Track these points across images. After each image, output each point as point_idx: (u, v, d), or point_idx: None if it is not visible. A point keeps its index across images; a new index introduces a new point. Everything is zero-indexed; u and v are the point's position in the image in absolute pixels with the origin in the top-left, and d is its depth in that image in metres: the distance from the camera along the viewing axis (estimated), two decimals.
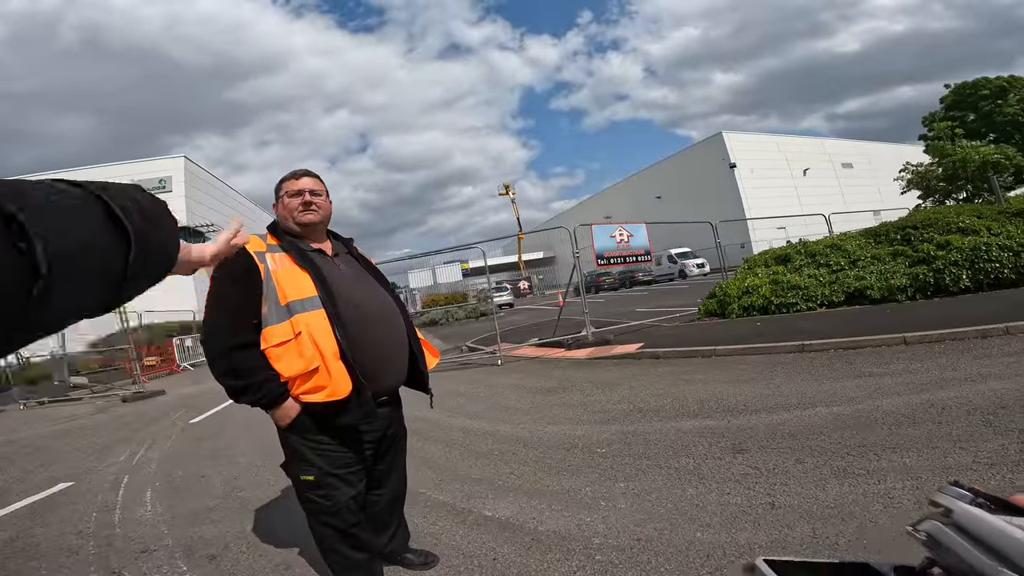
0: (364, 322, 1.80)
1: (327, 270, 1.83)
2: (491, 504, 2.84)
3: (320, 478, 1.78)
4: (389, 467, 2.07)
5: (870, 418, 3.25)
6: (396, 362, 1.92)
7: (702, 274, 26.99)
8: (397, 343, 1.93)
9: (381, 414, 1.89)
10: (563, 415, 4.54)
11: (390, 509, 2.13)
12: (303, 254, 1.82)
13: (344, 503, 1.80)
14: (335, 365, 1.67)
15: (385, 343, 1.87)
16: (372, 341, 1.81)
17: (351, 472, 1.83)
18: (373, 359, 1.80)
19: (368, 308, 1.84)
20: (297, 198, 1.88)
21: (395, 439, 2.07)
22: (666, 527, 2.27)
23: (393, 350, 1.91)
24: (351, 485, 1.83)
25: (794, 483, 2.50)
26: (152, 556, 2.79)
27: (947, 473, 2.35)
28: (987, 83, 36.31)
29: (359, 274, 1.97)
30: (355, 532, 1.86)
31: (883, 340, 5.31)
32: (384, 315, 1.90)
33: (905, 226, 8.19)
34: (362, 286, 1.91)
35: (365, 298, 1.86)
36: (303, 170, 1.97)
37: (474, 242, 13.89)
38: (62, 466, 5.21)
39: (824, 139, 44.14)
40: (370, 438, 1.90)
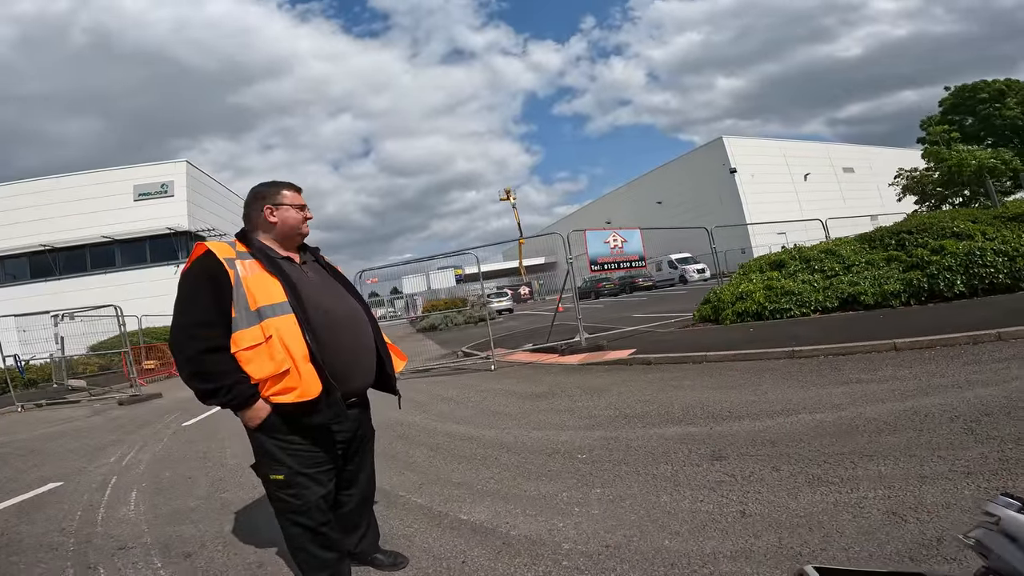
0: (332, 327, 1.85)
1: (296, 277, 1.89)
2: (467, 508, 2.84)
3: (290, 477, 1.80)
4: (358, 467, 2.11)
5: (852, 425, 3.24)
6: (364, 365, 1.98)
7: (703, 279, 26.93)
8: (364, 347, 1.99)
9: (351, 415, 1.96)
10: (549, 420, 4.54)
11: (359, 509, 2.15)
12: (272, 261, 1.87)
13: (314, 502, 1.83)
14: (305, 367, 1.71)
15: (353, 347, 1.94)
16: (341, 345, 1.86)
17: (321, 472, 1.86)
18: (342, 362, 1.85)
19: (336, 314, 1.90)
20: (303, 212, 2.03)
21: (364, 440, 2.12)
22: (635, 534, 2.26)
23: (361, 354, 1.98)
24: (321, 484, 1.86)
25: (767, 491, 2.49)
26: (128, 553, 2.83)
27: (922, 482, 2.34)
28: (986, 86, 36.15)
29: (326, 281, 2.04)
30: (324, 531, 1.88)
31: (873, 346, 5.29)
32: (351, 320, 1.96)
33: (900, 231, 8.16)
34: (330, 293, 1.98)
35: (333, 304, 1.92)
36: (290, 183, 2.08)
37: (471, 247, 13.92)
38: (53, 466, 5.25)
39: (826, 143, 44.14)
40: (340, 438, 1.94)
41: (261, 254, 1.87)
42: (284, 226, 1.99)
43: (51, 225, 25.13)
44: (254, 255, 1.86)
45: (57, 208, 25.42)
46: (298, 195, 2.06)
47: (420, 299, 27.08)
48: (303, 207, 2.05)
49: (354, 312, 2.00)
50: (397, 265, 11.42)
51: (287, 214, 1.99)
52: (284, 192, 2.02)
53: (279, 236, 1.99)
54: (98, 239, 25.33)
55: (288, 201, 2.01)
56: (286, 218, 1.98)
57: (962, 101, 36.85)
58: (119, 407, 9.92)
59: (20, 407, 10.89)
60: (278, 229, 1.98)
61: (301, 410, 1.74)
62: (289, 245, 2.02)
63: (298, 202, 2.04)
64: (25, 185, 26.48)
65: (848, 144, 45.51)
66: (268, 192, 2.01)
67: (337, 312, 1.91)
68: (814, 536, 2.02)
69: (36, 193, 25.91)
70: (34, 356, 13.62)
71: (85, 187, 26.08)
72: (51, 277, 25.25)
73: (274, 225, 1.97)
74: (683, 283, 28.01)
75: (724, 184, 35.92)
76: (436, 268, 10.63)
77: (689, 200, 38.44)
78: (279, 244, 1.99)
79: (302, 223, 2.03)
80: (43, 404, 11.18)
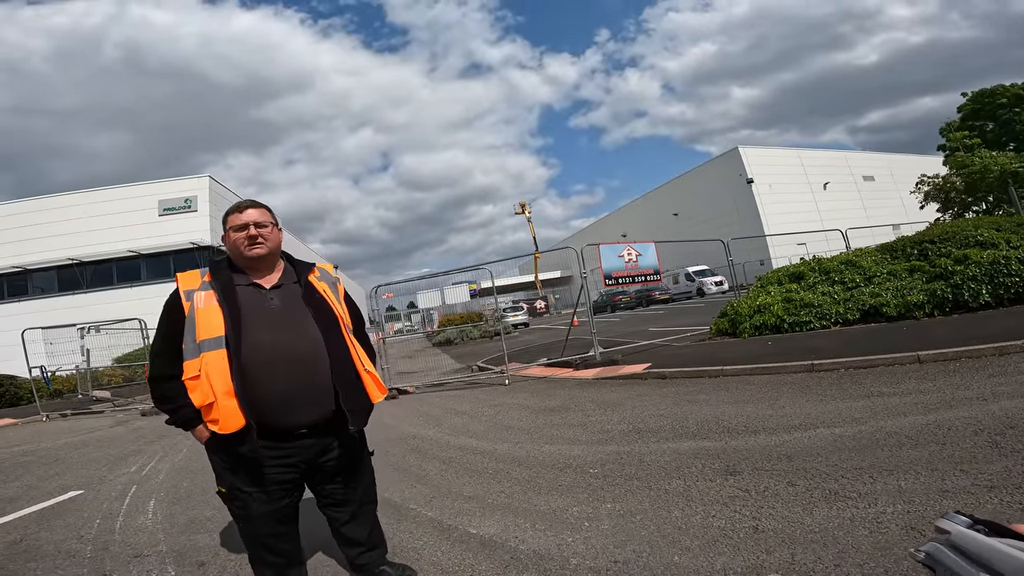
0: (269, 363, 1.78)
1: (250, 307, 1.84)
2: (477, 522, 2.83)
3: (231, 492, 1.88)
4: (343, 487, 2.06)
5: (872, 439, 3.16)
6: (305, 400, 1.84)
7: (720, 292, 26.59)
8: (308, 382, 1.84)
9: (304, 444, 1.88)
10: (562, 435, 4.50)
11: (355, 526, 2.13)
12: (228, 292, 1.83)
13: (258, 515, 1.88)
14: (227, 403, 1.73)
15: (291, 382, 1.81)
16: (275, 381, 1.78)
17: (264, 491, 1.86)
18: (275, 398, 1.78)
19: (279, 348, 1.80)
20: (242, 232, 1.89)
21: (338, 463, 2.00)
22: (645, 549, 2.23)
23: (302, 388, 1.83)
24: (266, 503, 1.87)
25: (782, 506, 2.44)
26: (144, 561, 2.88)
27: (943, 496, 2.27)
28: (1004, 91, 35.29)
29: (289, 310, 1.90)
30: (271, 542, 1.94)
31: (896, 359, 5.17)
32: (297, 354, 1.82)
33: (922, 241, 7.99)
34: (283, 324, 1.86)
35: (279, 338, 1.82)
36: (247, 201, 1.98)
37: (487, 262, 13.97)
38: (75, 475, 5.36)
39: (844, 152, 43.56)
40: (284, 464, 1.87)
41: (219, 284, 1.85)
42: (230, 252, 1.93)
43: (79, 239, 25.87)
44: (212, 285, 1.84)
45: (84, 223, 26.17)
46: (238, 215, 1.91)
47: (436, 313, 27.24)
48: (244, 227, 1.89)
49: (305, 344, 1.85)
50: (412, 280, 11.51)
51: (230, 239, 1.92)
52: (228, 217, 1.94)
53: (237, 262, 1.94)
54: (124, 253, 26.01)
55: (229, 224, 1.92)
56: (231, 243, 1.92)
57: (981, 106, 36.07)
58: (142, 418, 10.11)
59: (45, 416, 11.16)
60: (231, 256, 1.94)
61: (229, 440, 1.78)
62: (255, 268, 1.93)
63: (235, 223, 1.90)
64: (53, 200, 27.36)
65: (868, 152, 44.87)
66: (224, 217, 1.96)
67: (280, 346, 1.81)
68: (828, 552, 1.96)
69: (64, 208, 26.73)
70: (60, 367, 13.98)
71: (112, 202, 26.85)
72: (78, 290, 25.94)
73: (230, 250, 1.93)
74: (700, 296, 27.70)
75: (741, 195, 35.59)
76: (451, 283, 10.70)
77: (706, 212, 38.15)
78: (248, 269, 1.93)
79: (242, 246, 1.89)
80: (67, 414, 11.44)
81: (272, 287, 1.93)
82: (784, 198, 35.09)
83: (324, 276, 2.09)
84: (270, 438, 1.81)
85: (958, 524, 0.64)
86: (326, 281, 2.07)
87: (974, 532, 0.63)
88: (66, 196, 27.58)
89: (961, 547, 0.61)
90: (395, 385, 8.63)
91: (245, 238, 1.88)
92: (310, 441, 1.90)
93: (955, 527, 0.64)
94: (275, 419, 1.79)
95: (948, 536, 0.64)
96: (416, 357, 14.41)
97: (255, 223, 1.90)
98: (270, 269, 1.97)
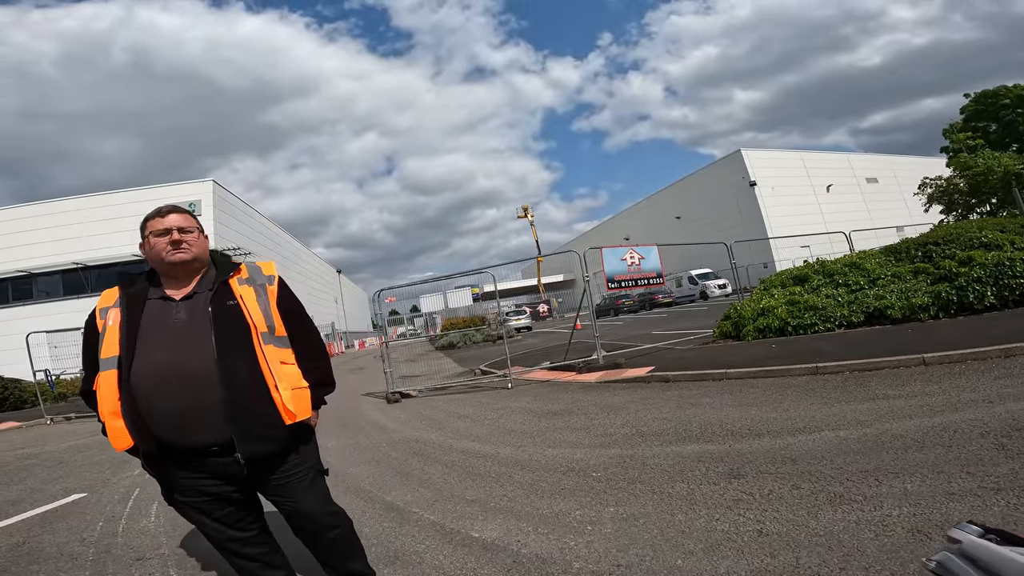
0: (158, 382, 1.68)
1: (150, 323, 1.75)
2: (479, 525, 2.81)
3: (167, 499, 1.84)
4: (289, 504, 1.90)
5: (877, 442, 3.13)
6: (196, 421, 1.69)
7: (724, 295, 26.52)
8: (196, 402, 1.69)
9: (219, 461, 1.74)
10: (565, 439, 4.49)
11: (317, 549, 1.99)
12: (133, 307, 1.76)
13: (202, 523, 1.85)
14: (113, 423, 1.70)
15: (180, 402, 1.68)
16: (162, 400, 1.68)
17: (194, 501, 1.81)
18: (165, 417, 1.68)
19: (170, 367, 1.69)
20: (164, 237, 1.78)
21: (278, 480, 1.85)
22: (648, 553, 2.21)
23: (190, 409, 1.69)
24: (204, 512, 1.82)
25: (786, 509, 2.42)
26: (146, 564, 2.89)
27: (949, 499, 2.25)
28: (1007, 92, 35.06)
29: (194, 323, 1.76)
30: (232, 547, 1.90)
31: (901, 361, 5.14)
32: (187, 373, 1.69)
33: (926, 242, 7.95)
34: (181, 340, 1.73)
35: (173, 355, 1.70)
36: (169, 206, 1.88)
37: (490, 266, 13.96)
38: (78, 478, 5.39)
39: (847, 154, 43.46)
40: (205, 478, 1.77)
41: (127, 298, 1.79)
42: (151, 259, 1.82)
43: (84, 243, 26.02)
44: (119, 303, 1.79)
45: (89, 227, 26.33)
46: (159, 220, 1.79)
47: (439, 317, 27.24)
48: (166, 231, 1.77)
49: (198, 363, 1.70)
50: (415, 284, 11.51)
51: (150, 244, 1.80)
52: (147, 222, 1.82)
53: (158, 271, 1.84)
54: (128, 257, 26.08)
55: (147, 231, 1.80)
56: (150, 249, 1.80)
57: (984, 108, 35.88)
58: None
59: (49, 420, 11.22)
60: (152, 264, 1.84)
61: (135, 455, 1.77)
62: (175, 277, 1.83)
63: (156, 228, 1.79)
64: (59, 204, 27.54)
65: (870, 154, 44.73)
66: (142, 224, 1.84)
67: (170, 365, 1.69)
68: (833, 555, 1.95)
69: (69, 212, 26.92)
70: (64, 371, 14.02)
71: (116, 206, 26.94)
72: (83, 294, 26.04)
73: (150, 258, 1.83)
74: (704, 299, 27.61)
75: (744, 197, 35.54)
76: (454, 287, 10.69)
77: (709, 214, 38.08)
78: (166, 278, 1.84)
79: (164, 251, 1.77)
80: (72, 417, 11.49)
81: (183, 298, 1.80)
82: (787, 200, 35.01)
83: (252, 278, 1.90)
84: (175, 457, 1.73)
85: (969, 533, 0.64)
86: (252, 283, 1.89)
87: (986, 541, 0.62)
88: (71, 200, 27.76)
89: (973, 556, 0.60)
90: (398, 389, 8.63)
91: (168, 243, 1.77)
92: (224, 459, 1.74)
93: (967, 536, 0.64)
94: (171, 439, 1.70)
95: (960, 545, 0.64)
96: (419, 361, 14.40)
97: (178, 228, 1.80)
98: (190, 278, 1.85)
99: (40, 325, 14.84)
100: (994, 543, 0.61)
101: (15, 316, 24.21)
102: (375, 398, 8.85)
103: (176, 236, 1.77)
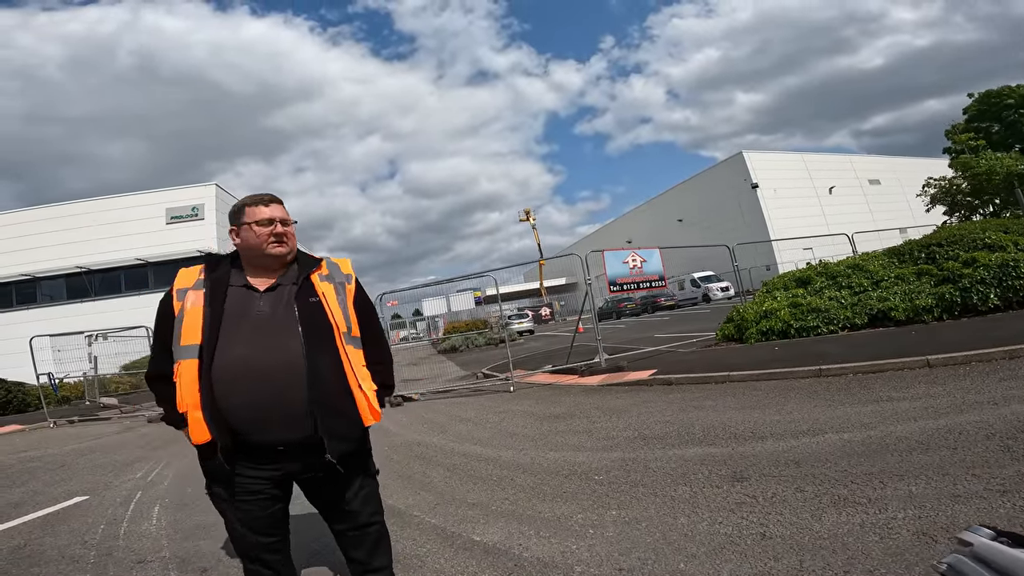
0: (239, 377, 1.65)
1: (234, 313, 1.72)
2: (481, 529, 2.80)
3: (214, 497, 1.82)
4: (336, 507, 1.90)
5: (881, 445, 3.11)
6: (276, 418, 1.68)
7: (726, 298, 26.45)
8: (277, 400, 1.67)
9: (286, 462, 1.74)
10: (567, 442, 4.47)
11: (354, 547, 1.97)
12: (216, 294, 1.73)
13: (238, 523, 1.81)
14: (195, 415, 1.66)
15: (260, 399, 1.67)
16: (242, 396, 1.66)
17: (243, 501, 1.77)
18: (244, 414, 1.66)
19: (251, 361, 1.66)
20: (268, 228, 1.75)
21: (327, 483, 1.85)
22: (650, 556, 2.19)
23: (272, 407, 1.67)
24: (245, 513, 1.79)
25: (790, 512, 2.40)
26: (147, 567, 2.88)
27: (954, 501, 2.23)
28: (1011, 92, 34.84)
29: (277, 317, 1.73)
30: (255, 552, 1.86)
31: (905, 363, 5.11)
32: (269, 369, 1.67)
33: (929, 244, 7.93)
34: (264, 333, 1.70)
35: (255, 349, 1.68)
36: (270, 195, 1.83)
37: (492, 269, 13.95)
38: (80, 481, 5.38)
39: (849, 155, 43.29)
40: (264, 478, 1.76)
41: (211, 283, 1.75)
42: (246, 248, 1.79)
43: (87, 247, 26.12)
44: (204, 284, 1.75)
45: (93, 231, 26.45)
46: (263, 208, 1.77)
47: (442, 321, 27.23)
48: (270, 222, 1.75)
49: (281, 359, 1.68)
50: (417, 288, 11.50)
51: (247, 234, 1.77)
52: (246, 208, 1.78)
53: (246, 259, 1.81)
54: (132, 261, 26.21)
55: (247, 219, 1.77)
56: (247, 238, 1.77)
57: (987, 108, 35.70)
58: (148, 424, 10.15)
59: (52, 423, 11.23)
60: (242, 252, 1.81)
61: (203, 450, 1.72)
62: (264, 268, 1.80)
63: (259, 217, 1.76)
64: (62, 208, 27.65)
65: (873, 155, 44.55)
66: (234, 210, 1.82)
67: (252, 360, 1.66)
68: (837, 558, 1.93)
69: (73, 216, 27.02)
70: (68, 374, 14.07)
71: (120, 210, 27.09)
72: (86, 298, 26.16)
73: (248, 246, 1.79)
74: (706, 302, 27.56)
75: (746, 200, 35.46)
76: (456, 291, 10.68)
77: (711, 217, 38.01)
78: (252, 268, 1.81)
79: (265, 243, 1.75)
80: (75, 421, 11.50)
81: (266, 289, 1.77)
82: (789, 203, 34.91)
83: (332, 275, 1.89)
84: (247, 453, 1.71)
85: (981, 536, 0.64)
86: (332, 281, 1.87)
87: (998, 544, 0.62)
88: (75, 204, 27.87)
89: (986, 559, 0.60)
90: (400, 392, 8.62)
91: (270, 234, 1.75)
92: (293, 462, 1.74)
93: (978, 539, 0.63)
94: (247, 436, 1.68)
95: (971, 548, 0.64)
96: (421, 364, 14.42)
97: (281, 219, 1.77)
98: (278, 271, 1.82)
99: (44, 329, 14.88)
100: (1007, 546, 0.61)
101: (19, 320, 24.26)
102: None
103: (280, 228, 1.76)
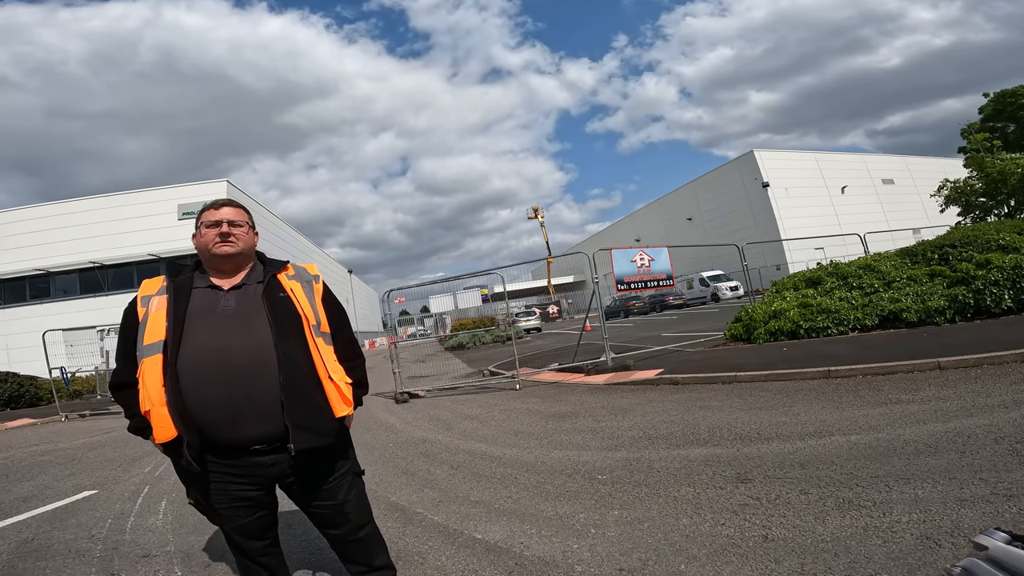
0: (207, 370, 1.65)
1: (198, 310, 1.73)
2: (483, 527, 2.80)
3: (196, 503, 1.83)
4: (322, 508, 1.89)
5: (888, 447, 3.08)
6: (248, 412, 1.66)
7: (735, 297, 26.25)
8: (249, 392, 1.66)
9: (260, 461, 1.72)
10: (571, 441, 4.47)
11: (348, 549, 1.97)
12: (180, 294, 1.75)
13: (227, 528, 1.84)
14: (159, 411, 1.64)
15: (231, 392, 1.65)
16: (212, 389, 1.64)
17: (224, 506, 1.77)
18: (214, 408, 1.64)
19: (220, 353, 1.66)
20: (214, 229, 1.80)
21: (308, 483, 1.84)
22: (652, 557, 2.18)
23: (243, 399, 1.66)
24: (229, 518, 1.80)
25: (793, 515, 2.38)
26: (152, 561, 2.92)
27: (961, 505, 2.20)
28: None
29: (244, 312, 1.75)
30: (249, 555, 1.88)
31: (915, 365, 5.05)
32: (239, 360, 1.66)
33: (943, 245, 7.82)
34: (232, 328, 1.71)
35: (223, 343, 1.68)
36: (224, 199, 1.91)
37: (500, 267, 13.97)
38: (90, 475, 5.45)
39: (863, 155, 42.72)
40: (241, 480, 1.74)
41: (175, 286, 1.77)
42: (200, 249, 1.84)
43: (101, 243, 26.44)
44: (168, 289, 1.77)
45: (106, 226, 26.74)
46: (213, 211, 1.83)
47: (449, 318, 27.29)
48: (218, 223, 1.80)
49: (250, 350, 1.68)
50: (424, 284, 11.51)
51: (200, 236, 1.82)
52: (203, 213, 1.85)
53: (204, 261, 1.86)
54: (145, 256, 26.51)
55: (202, 220, 1.83)
56: (199, 240, 1.83)
57: (1003, 108, 34.97)
58: None
59: (64, 417, 11.38)
60: (200, 255, 1.86)
61: (169, 449, 1.69)
62: (219, 269, 1.84)
63: (209, 219, 1.81)
64: (76, 203, 27.98)
65: (886, 155, 43.93)
66: (198, 214, 1.87)
67: (221, 353, 1.66)
68: (840, 561, 1.91)
69: (87, 211, 27.34)
70: (80, 368, 14.24)
71: (133, 206, 27.36)
72: (100, 293, 26.48)
73: (198, 248, 1.85)
74: (715, 301, 27.38)
75: (757, 199, 35.13)
76: (463, 288, 10.69)
77: (720, 216, 37.74)
78: (212, 269, 1.85)
79: (211, 242, 1.79)
80: (86, 415, 11.66)
81: (232, 288, 1.80)
82: (801, 202, 34.53)
83: (298, 275, 1.93)
84: (217, 452, 1.69)
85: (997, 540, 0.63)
86: (299, 280, 1.91)
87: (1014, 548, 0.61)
88: (89, 200, 28.20)
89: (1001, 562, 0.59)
90: (406, 389, 8.65)
91: (216, 235, 1.79)
92: (268, 458, 1.72)
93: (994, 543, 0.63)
94: (216, 432, 1.65)
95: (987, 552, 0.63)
96: (428, 361, 14.46)
97: (229, 221, 1.81)
98: (236, 272, 1.85)
99: (57, 323, 15.11)
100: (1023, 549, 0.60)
101: (33, 314, 24.66)
102: (384, 398, 8.88)
103: (225, 228, 1.79)
